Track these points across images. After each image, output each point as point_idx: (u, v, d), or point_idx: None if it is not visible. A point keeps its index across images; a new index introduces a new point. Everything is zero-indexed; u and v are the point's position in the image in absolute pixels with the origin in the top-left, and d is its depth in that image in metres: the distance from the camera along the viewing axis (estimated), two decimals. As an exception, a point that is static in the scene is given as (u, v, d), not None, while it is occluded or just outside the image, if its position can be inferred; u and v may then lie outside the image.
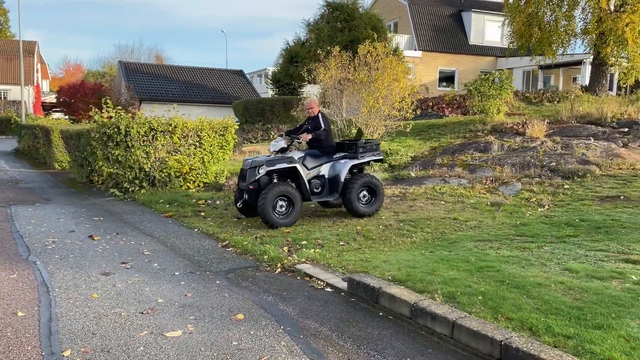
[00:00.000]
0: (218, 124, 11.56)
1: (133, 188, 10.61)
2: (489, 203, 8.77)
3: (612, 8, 18.22)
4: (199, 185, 11.36)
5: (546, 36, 20.24)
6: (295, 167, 7.74)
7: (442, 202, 9.04)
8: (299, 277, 5.53)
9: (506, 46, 33.00)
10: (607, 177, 9.69)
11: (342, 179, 8.04)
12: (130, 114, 11.44)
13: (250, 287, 5.23)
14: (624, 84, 21.28)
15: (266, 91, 36.86)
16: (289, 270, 5.74)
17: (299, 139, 8.13)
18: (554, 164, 10.88)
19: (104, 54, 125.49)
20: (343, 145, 8.59)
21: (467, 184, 10.27)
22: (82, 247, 6.72)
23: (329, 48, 23.39)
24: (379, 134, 15.51)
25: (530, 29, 20.71)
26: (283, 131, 8.69)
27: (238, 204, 7.97)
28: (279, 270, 5.79)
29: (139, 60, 60.37)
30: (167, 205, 9.49)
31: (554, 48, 20.97)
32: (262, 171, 7.57)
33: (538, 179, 10.12)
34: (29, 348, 3.75)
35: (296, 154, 7.94)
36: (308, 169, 7.99)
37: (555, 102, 19.64)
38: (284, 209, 7.59)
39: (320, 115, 8.26)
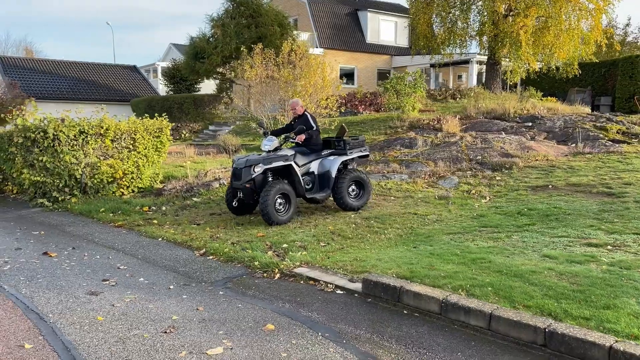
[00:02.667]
0: (152, 125, 10.99)
1: (63, 197, 9.76)
2: (436, 197, 9.31)
3: (503, 12, 20.00)
4: (133, 191, 10.74)
5: (446, 37, 21.69)
6: (290, 165, 7.95)
7: (393, 198, 9.44)
8: (302, 282, 5.53)
9: (400, 45, 34.84)
10: (529, 168, 10.72)
11: (334, 175, 8.32)
12: (20, 114, 10.32)
13: (258, 296, 5.14)
14: (511, 81, 23.48)
15: (157, 87, 35.38)
16: (288, 275, 5.71)
17: (293, 138, 8.26)
18: (480, 157, 11.80)
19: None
20: (329, 142, 8.86)
21: (408, 179, 10.79)
22: (43, 265, 6.11)
23: (236, 45, 23.19)
24: (304, 131, 15.68)
25: (432, 30, 22.09)
26: (267, 130, 8.58)
27: (233, 203, 8.11)
28: (277, 276, 5.73)
29: (6, 54, 54.71)
30: (111, 214, 8.88)
31: (451, 49, 22.57)
32: (259, 169, 7.67)
33: (470, 172, 10.92)
34: (67, 383, 3.41)
35: (287, 152, 8.08)
36: (299, 166, 8.16)
37: (458, 98, 21.18)
38: (282, 206, 7.79)
39: (308, 115, 8.52)
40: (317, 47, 33.37)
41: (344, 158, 8.56)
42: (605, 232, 6.35)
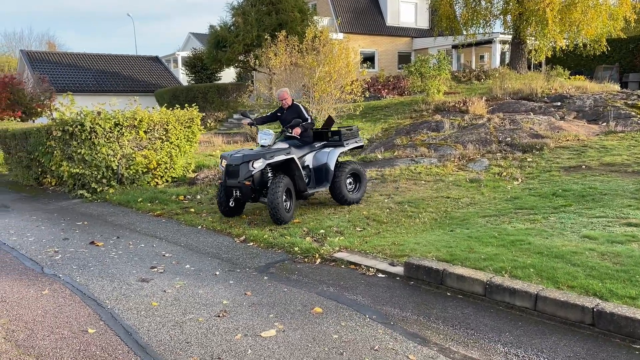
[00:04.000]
0: (183, 116, 11.17)
1: (101, 188, 10.04)
2: (467, 180, 9.33)
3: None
4: (167, 181, 10.98)
5: (470, 17, 21.40)
6: (292, 159, 7.43)
7: (423, 182, 9.49)
8: (343, 266, 5.66)
9: (420, 27, 34.41)
10: (561, 149, 10.64)
11: (332, 168, 7.85)
12: (52, 108, 10.63)
13: (302, 281, 5.28)
14: (536, 60, 23.10)
15: (179, 77, 35.67)
16: (329, 260, 5.84)
17: (289, 132, 7.68)
18: (509, 139, 11.73)
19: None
20: (321, 133, 8.40)
21: (437, 162, 10.81)
22: (92, 254, 6.35)
23: (257, 32, 23.24)
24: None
25: (454, 11, 21.82)
26: (253, 121, 7.93)
27: (230, 203, 7.50)
28: (318, 261, 5.87)
29: (30, 48, 55.61)
30: (149, 204, 9.11)
31: (474, 29, 22.28)
32: (259, 165, 7.07)
33: (500, 154, 10.88)
34: (134, 365, 3.60)
35: (283, 145, 7.52)
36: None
37: (482, 80, 20.95)
38: (287, 203, 7.26)
39: (299, 105, 7.97)
40: (337, 32, 33.28)
41: (342, 150, 8.11)
42: (644, 211, 6.33)
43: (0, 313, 4.52)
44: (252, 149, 7.67)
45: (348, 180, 8.17)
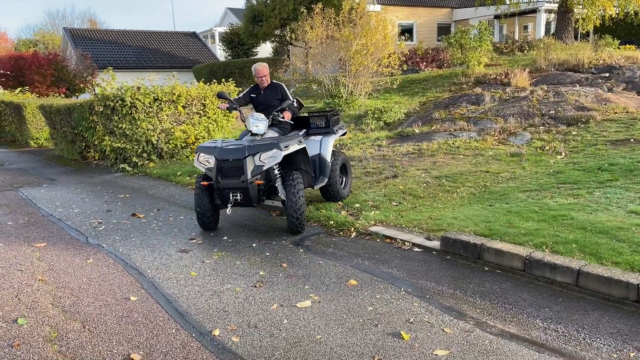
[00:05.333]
0: (219, 89, 11.23)
1: (142, 162, 10.27)
2: (508, 154, 9.08)
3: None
4: (205, 155, 11.12)
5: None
6: (305, 149, 6.19)
7: (462, 156, 9.29)
8: (378, 240, 5.64)
9: (462, -3, 33.35)
10: (608, 122, 10.20)
11: (329, 160, 6.62)
12: (94, 84, 10.88)
13: (337, 254, 5.29)
14: (583, 30, 22.08)
15: (216, 53, 35.85)
16: (364, 234, 5.83)
17: (279, 116, 6.26)
18: (553, 111, 11.32)
19: (32, 20, 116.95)
20: (299, 120, 7.14)
21: (476, 136, 10.56)
22: (134, 225, 6.54)
23: (293, 5, 23.01)
24: (366, 92, 15.57)
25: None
26: (236, 104, 6.50)
27: (227, 211, 5.81)
28: (354, 234, 5.86)
29: (73, 26, 56.85)
30: (187, 177, 9.27)
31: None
32: (271, 159, 5.59)
33: (543, 127, 10.53)
34: (173, 331, 3.70)
35: (273, 134, 6.25)
36: None
37: (525, 51, 20.21)
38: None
39: (281, 84, 6.74)
40: (374, 4, 32.61)
41: (335, 137, 6.89)
42: (697, 186, 6.03)
43: (48, 280, 4.72)
44: (233, 139, 6.37)
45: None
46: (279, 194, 5.90)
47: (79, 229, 6.46)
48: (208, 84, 11.39)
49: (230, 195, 5.69)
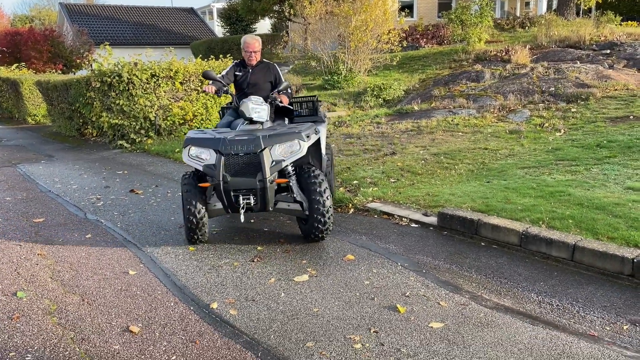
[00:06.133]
0: (218, 67, 11.14)
1: (140, 139, 10.24)
2: (507, 131, 9.06)
3: None
4: (203, 132, 11.08)
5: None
6: (319, 140, 5.28)
7: (461, 133, 9.27)
8: (376, 216, 5.66)
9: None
10: (608, 99, 10.15)
11: (325, 152, 5.56)
12: (91, 60, 10.79)
13: (335, 229, 5.31)
14: (585, 6, 21.82)
15: (214, 29, 35.45)
16: (362, 210, 5.85)
17: (276, 100, 5.27)
18: (553, 89, 11.25)
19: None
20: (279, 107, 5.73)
21: (476, 113, 10.52)
22: (132, 202, 6.55)
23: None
24: (365, 68, 15.44)
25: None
26: (227, 87, 5.33)
27: (241, 218, 4.66)
28: (351, 210, 5.88)
29: (69, 1, 56.03)
30: (186, 154, 9.25)
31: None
32: (294, 153, 4.58)
33: (543, 104, 10.48)
34: (172, 304, 3.74)
35: (267, 121, 5.06)
36: None
37: (527, 27, 19.99)
38: None
39: (273, 63, 5.68)
40: (374, -21, 32.12)
41: (325, 126, 5.93)
42: (695, 163, 6.03)
43: (47, 255, 4.75)
44: (226, 129, 5.03)
45: None
46: (293, 195, 4.73)
47: (77, 205, 6.47)
48: (206, 60, 11.28)
49: (241, 198, 4.54)
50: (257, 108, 4.83)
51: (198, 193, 4.69)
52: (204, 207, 4.70)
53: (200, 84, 10.84)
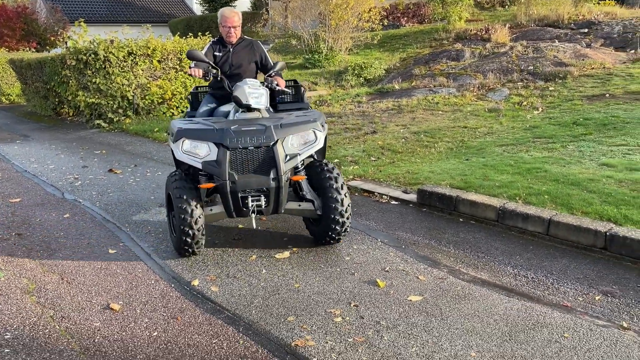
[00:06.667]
0: (197, 45, 10.97)
1: (118, 118, 10.09)
2: (486, 109, 9.13)
3: None
4: (182, 111, 10.96)
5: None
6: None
7: (441, 112, 9.32)
8: (357, 194, 5.69)
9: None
10: (585, 77, 10.28)
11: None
12: (66, 37, 10.55)
13: (316, 206, 5.33)
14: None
15: (192, 7, 34.76)
16: (343, 187, 5.87)
17: (272, 83, 4.48)
18: (531, 67, 11.35)
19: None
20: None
21: (456, 92, 10.57)
22: (111, 181, 6.48)
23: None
24: (346, 47, 15.36)
25: None
26: (216, 72, 4.43)
27: (253, 224, 4.04)
28: (332, 188, 5.90)
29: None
30: (165, 134, 9.15)
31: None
32: (310, 145, 4.06)
33: (521, 83, 10.57)
34: (153, 282, 3.74)
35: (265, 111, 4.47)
36: None
37: (507, 6, 20.02)
38: None
39: (257, 42, 4.90)
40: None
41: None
42: (667, 139, 6.17)
43: (24, 234, 4.69)
44: (212, 118, 4.35)
45: None
46: (302, 192, 4.20)
47: (54, 185, 6.38)
48: (184, 38, 11.09)
49: (250, 200, 3.87)
50: (254, 93, 4.10)
51: (195, 196, 3.93)
52: (203, 214, 3.94)
53: (179, 62, 10.69)
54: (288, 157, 3.92)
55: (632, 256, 3.74)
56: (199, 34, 11.46)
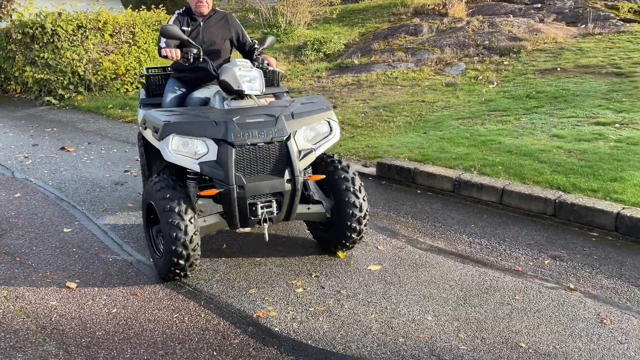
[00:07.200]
0: (150, 18, 10.64)
1: (69, 94, 9.72)
2: (443, 84, 9.26)
3: None
4: (137, 87, 10.65)
5: None
6: None
7: (399, 87, 9.40)
8: (317, 167, 5.71)
9: None
10: (538, 52, 10.53)
11: None
12: (10, 9, 10.07)
13: (276, 181, 5.33)
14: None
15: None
16: (303, 162, 5.88)
17: (263, 62, 3.82)
18: (487, 42, 11.54)
19: None
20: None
21: (414, 67, 10.66)
22: (63, 159, 6.28)
23: None
24: (305, 21, 15.19)
25: None
26: (198, 53, 3.64)
27: (265, 237, 3.43)
28: (292, 162, 5.90)
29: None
30: (119, 110, 8.91)
31: None
32: (327, 137, 3.46)
33: (477, 57, 10.74)
34: (110, 260, 3.67)
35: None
36: None
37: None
38: None
39: (232, 15, 4.17)
40: None
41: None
42: (613, 111, 6.43)
43: (-27, 215, 4.52)
44: (186, 108, 3.64)
45: None
46: (309, 192, 3.60)
47: (3, 164, 6.14)
48: (137, 11, 10.72)
49: (259, 207, 3.22)
50: (246, 76, 3.35)
51: (189, 207, 3.17)
52: (198, 229, 3.23)
53: (132, 36, 10.34)
54: (302, 154, 3.28)
55: (579, 222, 3.92)
56: (152, 6, 11.08)
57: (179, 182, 3.28)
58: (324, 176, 3.53)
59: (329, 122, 3.46)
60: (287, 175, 3.20)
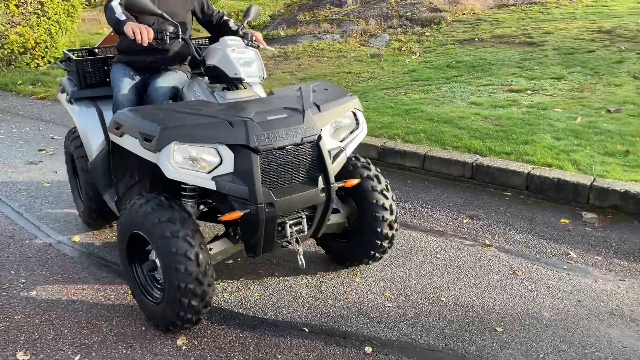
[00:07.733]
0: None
1: (-28, 70, 8.98)
2: (369, 55, 9.39)
3: None
4: (49, 62, 10.00)
5: None
6: None
7: (326, 58, 9.43)
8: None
9: None
10: (457, 23, 10.88)
11: None
12: None
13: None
14: None
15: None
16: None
17: (251, 39, 3.11)
18: (409, 13, 11.76)
19: None
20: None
21: (340, 39, 10.70)
22: (-31, 140, 5.84)
23: None
24: (227, -8, 14.79)
25: None
26: (182, 34, 2.83)
27: (300, 263, 2.67)
28: (219, 136, 5.81)
29: None
30: (31, 86, 8.35)
31: None
32: (355, 131, 2.89)
33: (400, 29, 10.95)
34: (27, 241, 3.50)
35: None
36: None
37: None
38: None
39: None
40: None
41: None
42: (525, 78, 6.80)
43: None
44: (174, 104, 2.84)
45: None
46: None
47: None
48: (44, -21, 9.98)
49: (288, 227, 2.55)
50: (242, 58, 2.63)
51: (198, 232, 2.43)
52: (210, 258, 2.47)
53: (40, 6, 9.63)
54: (333, 156, 2.62)
55: (494, 183, 4.16)
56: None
57: (175, 201, 2.49)
58: (359, 180, 2.88)
59: (354, 113, 2.85)
60: (320, 184, 2.53)
